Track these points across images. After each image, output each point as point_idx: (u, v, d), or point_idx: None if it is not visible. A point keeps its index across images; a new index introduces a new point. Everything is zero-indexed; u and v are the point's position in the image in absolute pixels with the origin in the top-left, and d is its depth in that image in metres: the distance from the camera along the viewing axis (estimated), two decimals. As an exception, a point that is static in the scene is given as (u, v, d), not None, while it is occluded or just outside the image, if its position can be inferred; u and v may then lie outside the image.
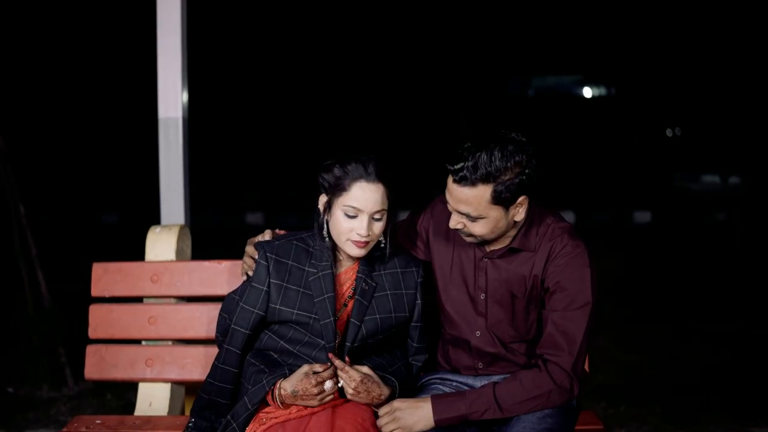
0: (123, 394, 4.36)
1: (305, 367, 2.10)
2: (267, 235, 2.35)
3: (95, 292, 2.79)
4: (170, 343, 2.80)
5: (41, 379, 4.45)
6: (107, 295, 2.79)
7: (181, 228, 2.91)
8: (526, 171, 2.10)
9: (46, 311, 4.45)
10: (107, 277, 2.80)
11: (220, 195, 13.89)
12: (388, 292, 2.25)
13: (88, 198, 13.80)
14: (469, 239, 2.22)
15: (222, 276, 2.76)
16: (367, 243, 2.16)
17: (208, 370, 2.43)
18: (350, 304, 2.23)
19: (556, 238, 2.22)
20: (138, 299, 2.84)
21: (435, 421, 2.11)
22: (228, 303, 2.33)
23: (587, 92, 24.10)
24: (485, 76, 19.25)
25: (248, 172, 16.08)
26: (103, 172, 14.88)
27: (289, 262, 2.21)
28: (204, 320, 2.74)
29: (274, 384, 2.11)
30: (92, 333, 2.78)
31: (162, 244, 2.85)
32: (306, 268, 2.21)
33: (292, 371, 2.13)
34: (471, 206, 2.11)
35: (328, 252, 2.22)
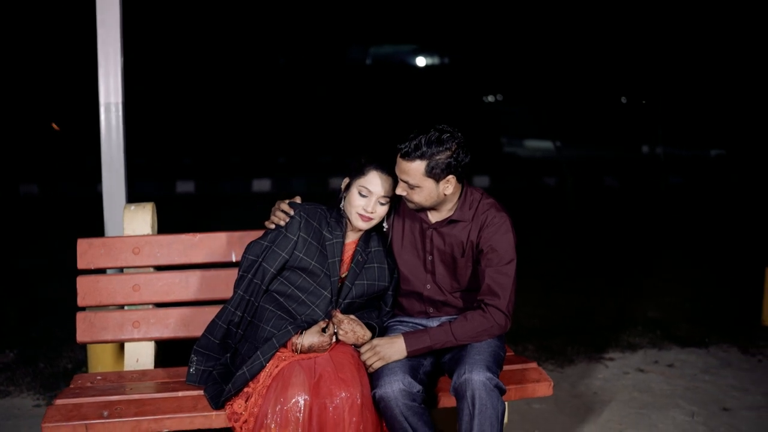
0: (55, 361, 4.55)
1: (315, 327, 2.70)
2: (298, 199, 2.89)
3: (81, 265, 3.14)
4: (150, 306, 3.19)
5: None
6: (93, 267, 3.14)
7: (152, 206, 3.30)
8: (454, 156, 2.77)
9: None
10: (92, 251, 3.14)
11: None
12: (375, 265, 2.90)
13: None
14: (411, 206, 2.87)
15: (197, 247, 3.19)
16: (370, 219, 2.79)
17: (191, 327, 2.92)
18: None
19: (486, 212, 2.92)
20: (119, 270, 3.19)
21: (408, 352, 2.76)
22: (253, 247, 2.81)
23: (421, 61, 25.15)
24: (325, 45, 19.80)
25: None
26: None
27: (314, 223, 2.81)
28: (183, 285, 3.16)
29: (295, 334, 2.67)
30: (81, 301, 3.13)
31: (139, 220, 3.24)
32: (324, 233, 2.81)
33: (302, 318, 2.73)
34: (410, 176, 2.75)
35: (343, 224, 2.82)
